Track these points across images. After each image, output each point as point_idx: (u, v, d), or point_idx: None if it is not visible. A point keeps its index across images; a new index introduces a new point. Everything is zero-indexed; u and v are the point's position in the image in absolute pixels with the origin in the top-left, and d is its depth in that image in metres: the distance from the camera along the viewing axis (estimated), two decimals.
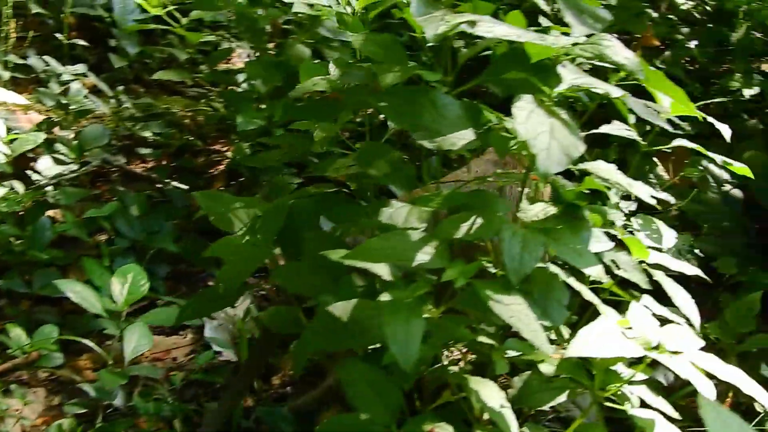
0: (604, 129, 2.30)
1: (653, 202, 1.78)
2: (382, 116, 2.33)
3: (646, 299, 2.07)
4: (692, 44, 3.83)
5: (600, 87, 1.77)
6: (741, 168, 2.34)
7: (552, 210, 1.76)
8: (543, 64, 1.76)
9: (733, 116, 3.98)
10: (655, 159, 3.54)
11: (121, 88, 3.97)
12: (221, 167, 3.87)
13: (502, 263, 1.59)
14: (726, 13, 3.90)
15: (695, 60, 4.31)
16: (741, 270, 3.02)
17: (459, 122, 1.76)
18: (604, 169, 1.81)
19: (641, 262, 2.14)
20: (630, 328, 1.73)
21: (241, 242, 2.01)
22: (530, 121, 1.57)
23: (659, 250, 2.23)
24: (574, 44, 1.69)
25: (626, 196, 3.53)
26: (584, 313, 2.03)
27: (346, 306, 1.67)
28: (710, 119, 2.27)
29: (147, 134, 3.79)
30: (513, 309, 1.55)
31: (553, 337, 2.02)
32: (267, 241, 2.00)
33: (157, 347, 2.88)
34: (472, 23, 1.60)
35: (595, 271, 1.68)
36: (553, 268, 1.75)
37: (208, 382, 2.70)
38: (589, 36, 1.84)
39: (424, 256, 1.61)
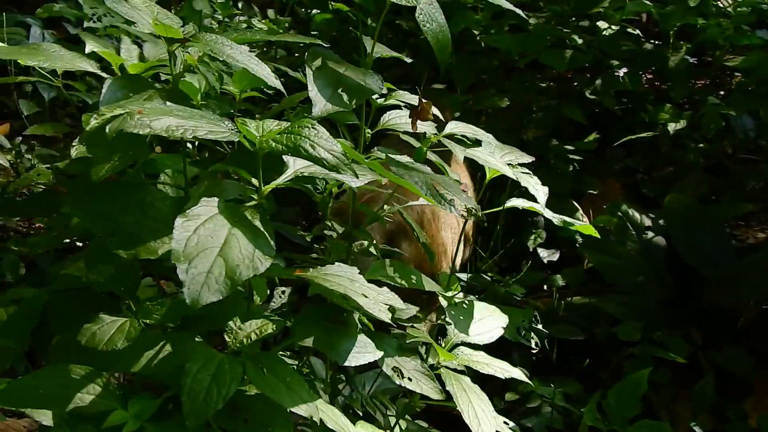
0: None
1: (387, 317, 1.47)
2: None
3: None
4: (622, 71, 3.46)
5: (334, 177, 1.49)
6: (584, 227, 2.02)
7: (269, 328, 1.46)
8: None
9: (681, 147, 3.64)
10: (574, 203, 3.21)
11: (18, 139, 3.75)
12: None
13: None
14: (662, 36, 3.54)
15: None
16: (647, 334, 2.67)
17: (166, 224, 1.48)
18: (337, 276, 1.50)
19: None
20: None
21: None
22: (197, 235, 1.29)
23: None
24: (280, 133, 1.40)
25: (544, 244, 3.22)
26: None
27: None
28: (526, 182, 1.96)
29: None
30: None
31: None
32: (16, 342, 1.74)
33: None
34: (131, 115, 1.32)
35: (304, 410, 1.37)
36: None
37: None
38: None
39: (85, 397, 1.34)
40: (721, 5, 3.31)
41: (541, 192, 1.91)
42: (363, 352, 1.61)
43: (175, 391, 1.44)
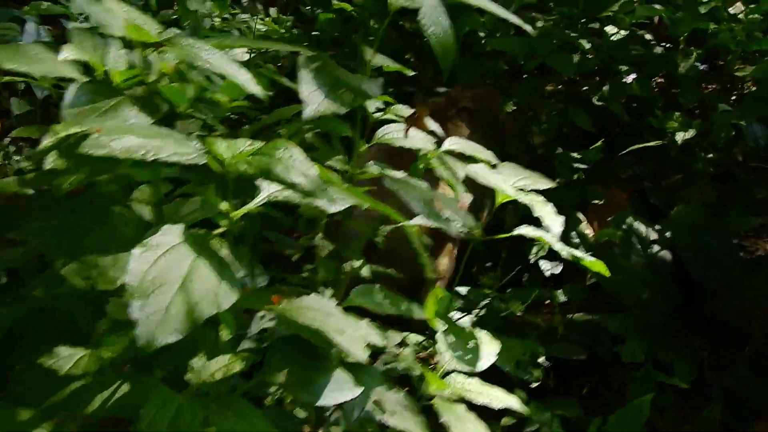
0: None
1: (364, 357, 1.37)
2: None
3: None
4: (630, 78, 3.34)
5: (310, 201, 1.38)
6: (593, 263, 1.92)
7: (237, 367, 1.36)
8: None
9: (690, 155, 3.51)
10: (579, 214, 3.10)
11: (7, 140, 3.64)
12: None
13: None
14: (673, 39, 3.42)
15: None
16: (652, 353, 2.55)
17: (128, 251, 1.37)
18: (312, 309, 1.40)
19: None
20: None
21: None
22: (156, 267, 1.18)
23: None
24: (252, 154, 1.29)
25: (546, 256, 3.10)
26: None
27: None
28: (540, 210, 1.85)
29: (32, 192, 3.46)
30: None
31: None
32: None
33: None
34: (86, 134, 1.22)
35: None
36: None
37: None
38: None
39: None
40: (732, 11, 3.19)
41: (556, 223, 1.81)
42: (340, 389, 1.49)
43: None
